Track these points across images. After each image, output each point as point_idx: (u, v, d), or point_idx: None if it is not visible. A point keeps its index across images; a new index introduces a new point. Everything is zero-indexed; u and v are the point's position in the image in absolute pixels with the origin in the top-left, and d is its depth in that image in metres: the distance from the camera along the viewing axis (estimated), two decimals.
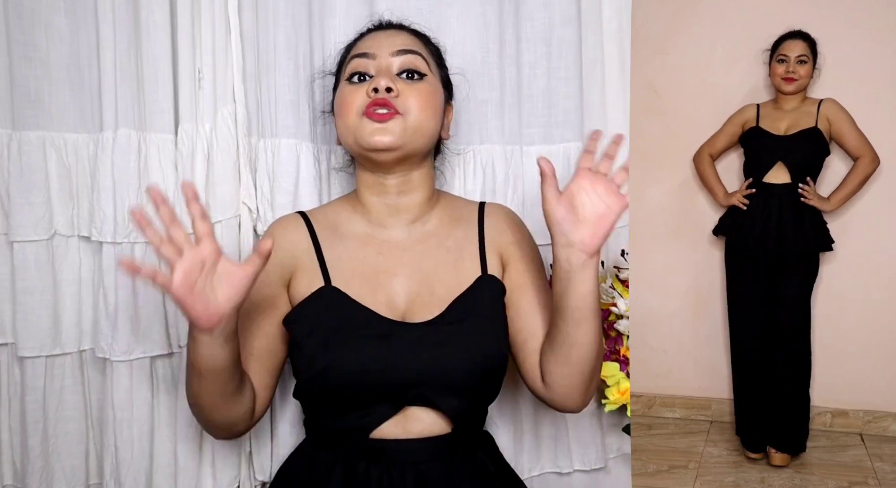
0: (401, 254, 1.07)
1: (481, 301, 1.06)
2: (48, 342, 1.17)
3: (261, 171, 1.24)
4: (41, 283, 1.16)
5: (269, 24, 1.22)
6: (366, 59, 1.05)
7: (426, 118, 1.04)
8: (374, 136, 1.01)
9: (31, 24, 1.14)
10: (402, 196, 1.08)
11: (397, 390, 1.00)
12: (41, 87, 1.16)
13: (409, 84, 1.04)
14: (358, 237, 1.08)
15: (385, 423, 1.01)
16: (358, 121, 1.02)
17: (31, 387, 1.18)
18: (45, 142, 1.16)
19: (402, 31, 1.10)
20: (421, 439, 1.01)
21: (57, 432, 1.20)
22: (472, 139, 1.27)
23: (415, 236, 1.08)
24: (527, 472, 1.30)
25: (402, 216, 1.08)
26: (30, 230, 1.15)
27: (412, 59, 1.05)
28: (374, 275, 1.05)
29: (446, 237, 1.09)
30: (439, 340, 1.01)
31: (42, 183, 1.16)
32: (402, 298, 1.05)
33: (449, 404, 1.01)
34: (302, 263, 1.06)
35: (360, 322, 1.01)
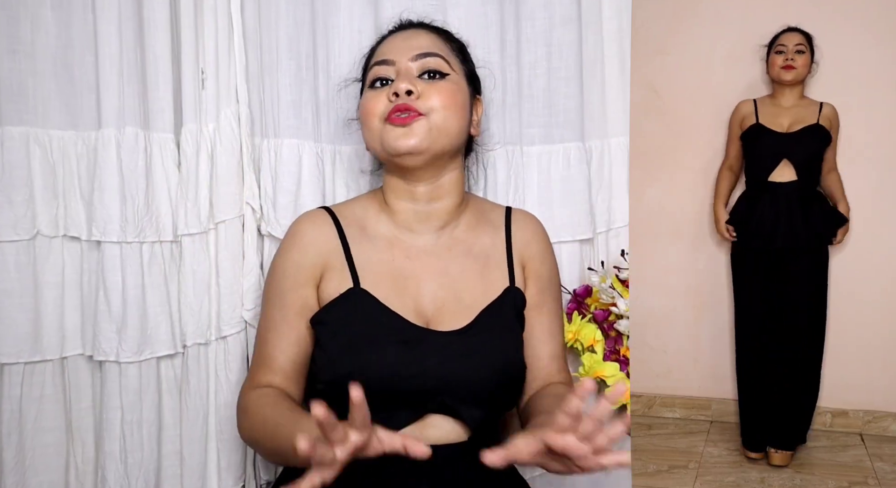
0: (428, 260, 1.06)
1: (507, 313, 1.06)
2: (27, 348, 1.12)
3: (264, 171, 1.23)
4: (21, 286, 1.12)
5: (271, 24, 1.22)
6: (385, 65, 1.05)
7: (449, 115, 1.03)
8: (398, 141, 1.00)
9: (16, 16, 1.11)
10: (433, 202, 1.07)
11: (420, 397, 0.99)
12: (25, 80, 1.12)
13: (431, 84, 1.03)
14: (386, 239, 1.07)
15: (403, 429, 1.00)
16: (381, 126, 1.02)
17: (7, 396, 1.12)
18: (28, 137, 1.12)
19: (421, 31, 1.09)
20: (438, 446, 0.99)
21: (34, 444, 1.15)
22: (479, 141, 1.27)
23: (443, 242, 1.08)
24: (528, 472, 1.30)
25: (432, 222, 1.08)
26: (10, 230, 1.11)
27: (432, 61, 1.04)
28: (403, 279, 1.04)
29: (474, 243, 1.09)
30: (466, 350, 1.01)
31: (24, 180, 1.12)
32: (429, 304, 1.04)
33: (471, 414, 1.00)
34: (331, 262, 1.05)
35: (388, 326, 1.01)
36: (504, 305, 1.07)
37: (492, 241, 1.10)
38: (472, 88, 1.10)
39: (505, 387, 1.04)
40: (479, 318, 1.04)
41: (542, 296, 1.11)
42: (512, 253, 1.10)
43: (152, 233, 1.15)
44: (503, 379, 1.02)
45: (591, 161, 1.32)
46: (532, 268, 1.11)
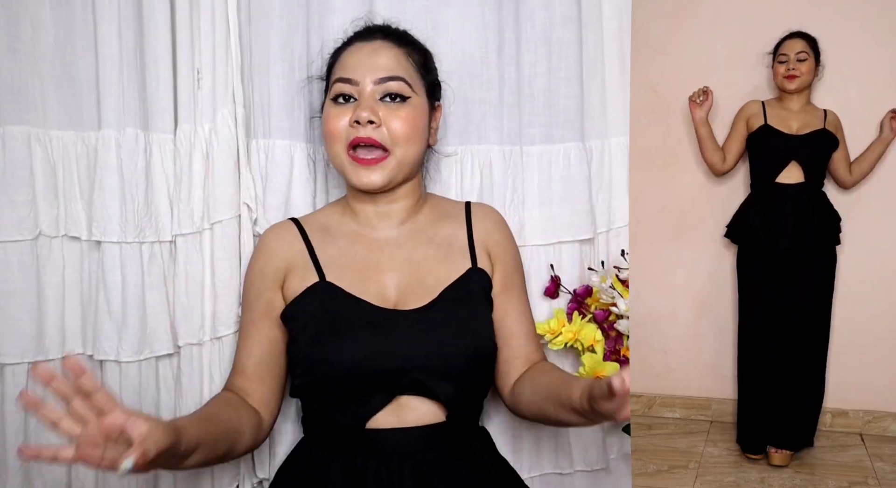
0: (391, 251, 1.11)
1: (472, 291, 1.10)
2: (30, 347, 1.13)
3: (254, 172, 1.23)
4: (24, 286, 1.12)
5: (263, 25, 1.22)
6: (349, 84, 1.08)
7: (411, 146, 1.08)
8: (362, 179, 1.07)
9: (16, 16, 1.11)
10: (392, 204, 1.13)
11: (391, 377, 1.02)
12: (26, 80, 1.12)
13: (393, 109, 1.07)
14: (349, 236, 1.13)
15: (380, 413, 1.03)
16: (344, 156, 1.07)
17: (11, 396, 1.13)
18: (29, 137, 1.13)
19: (386, 44, 1.11)
20: (416, 427, 1.03)
21: (38, 443, 1.13)
22: (470, 139, 1.27)
23: (405, 233, 1.13)
24: (527, 472, 1.30)
25: (392, 219, 1.13)
26: (13, 230, 1.11)
27: (395, 86, 1.08)
28: (366, 270, 1.09)
29: (435, 233, 1.14)
30: (431, 326, 1.04)
31: (26, 180, 1.12)
32: (392, 290, 1.08)
33: (443, 389, 1.03)
34: (295, 263, 1.10)
35: (354, 312, 1.05)
36: (468, 284, 1.10)
37: (453, 231, 1.14)
38: (430, 101, 1.14)
39: (474, 362, 1.06)
40: (442, 295, 1.07)
41: (511, 280, 1.15)
42: (473, 240, 1.14)
43: (152, 233, 1.15)
44: (472, 353, 1.05)
45: (592, 161, 1.32)
46: (497, 254, 1.15)
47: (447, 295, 1.07)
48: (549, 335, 1.21)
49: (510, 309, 1.13)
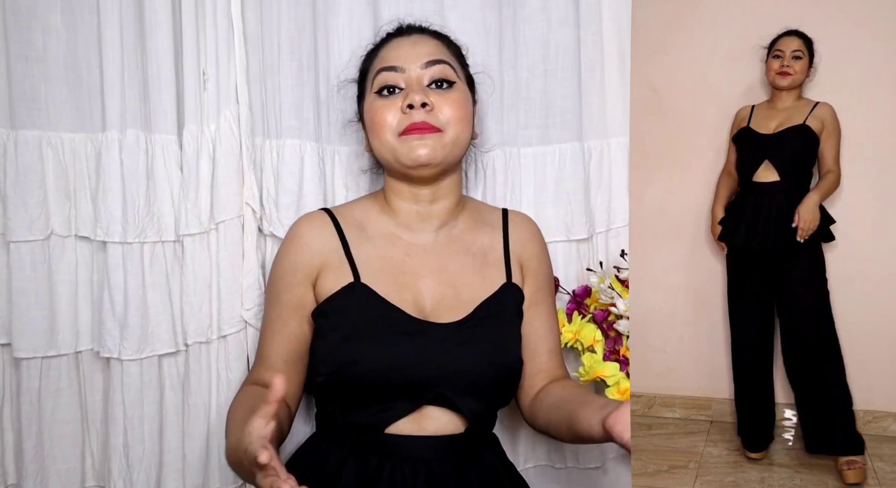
0: (427, 257, 1.09)
1: (505, 307, 1.09)
2: (43, 343, 1.16)
3: (266, 172, 1.25)
4: (37, 284, 1.15)
5: (272, 25, 1.23)
6: (394, 72, 1.06)
7: (462, 130, 1.06)
8: (414, 152, 1.03)
9: (27, 22, 1.14)
10: (434, 203, 1.10)
11: (418, 388, 1.01)
12: (38, 85, 1.15)
13: (442, 94, 1.05)
14: (385, 237, 1.10)
15: (400, 420, 1.02)
16: (395, 141, 1.04)
17: (26, 389, 1.16)
18: (41, 141, 1.15)
19: (424, 36, 1.11)
20: (434, 437, 1.03)
21: (52, 434, 1.19)
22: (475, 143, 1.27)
23: (441, 240, 1.11)
24: (522, 464, 1.30)
25: (432, 222, 1.11)
26: (25, 230, 1.14)
27: (442, 69, 1.06)
28: (402, 275, 1.07)
29: (472, 242, 1.12)
30: (463, 341, 1.03)
31: (38, 183, 1.15)
32: (427, 299, 1.06)
33: (468, 405, 1.03)
34: (329, 261, 1.07)
35: (388, 319, 1.03)
36: (502, 300, 1.09)
37: (489, 241, 1.13)
38: (471, 93, 1.12)
39: (502, 380, 1.06)
40: (476, 311, 1.06)
41: (541, 294, 1.14)
42: (509, 251, 1.13)
43: (154, 233, 1.17)
44: (501, 372, 1.05)
45: (591, 161, 1.32)
46: (530, 268, 1.14)
47: (481, 311, 1.06)
48: None
49: (537, 324, 1.12)
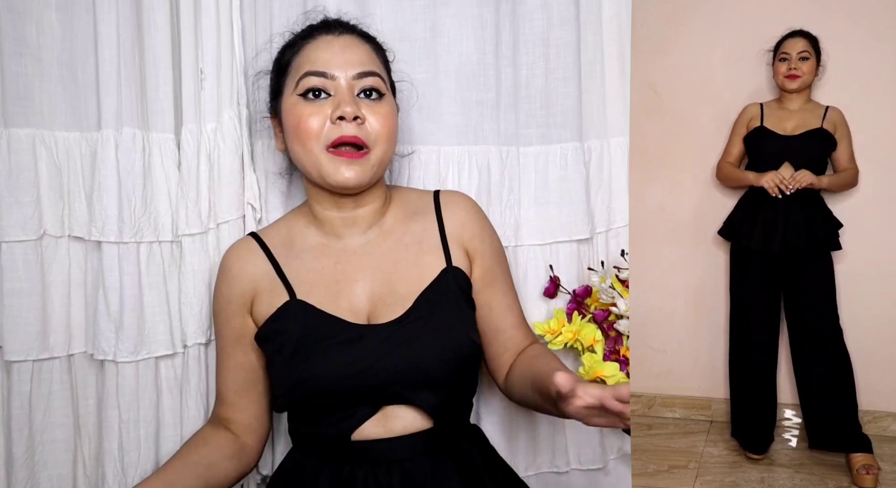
0: (359, 261, 1.07)
1: (447, 293, 1.06)
2: (35, 345, 1.14)
3: (258, 172, 1.24)
4: (29, 285, 1.13)
5: (264, 25, 1.22)
6: (323, 78, 1.02)
7: (389, 148, 1.05)
8: (339, 175, 1.01)
9: (21, 19, 1.12)
10: (357, 209, 1.08)
11: (373, 391, 1.01)
12: (32, 83, 1.13)
13: (371, 106, 1.03)
14: (314, 249, 1.09)
15: (365, 424, 1.02)
16: (322, 154, 1.01)
17: (17, 393, 1.14)
18: (34, 139, 1.14)
19: (355, 38, 1.07)
20: (403, 436, 1.02)
21: (43, 440, 1.17)
22: (467, 140, 1.27)
23: (371, 239, 1.09)
24: (523, 471, 1.30)
25: (359, 225, 1.09)
26: (18, 230, 1.12)
27: (372, 81, 1.03)
28: (335, 284, 1.06)
29: (403, 233, 1.09)
30: (408, 337, 1.01)
31: (31, 182, 1.13)
32: (363, 302, 1.05)
33: (425, 400, 1.01)
34: (262, 286, 1.07)
35: (327, 330, 1.02)
36: (442, 286, 1.06)
37: (423, 227, 1.10)
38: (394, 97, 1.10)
39: (455, 369, 1.03)
40: (416, 303, 1.04)
41: (492, 273, 1.11)
42: (446, 235, 1.09)
43: (150, 233, 1.16)
44: (450, 359, 1.02)
45: (591, 161, 1.32)
46: (475, 248, 1.10)
47: (421, 302, 1.04)
48: (548, 335, 1.21)
49: (494, 304, 1.10)
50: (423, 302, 1.04)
